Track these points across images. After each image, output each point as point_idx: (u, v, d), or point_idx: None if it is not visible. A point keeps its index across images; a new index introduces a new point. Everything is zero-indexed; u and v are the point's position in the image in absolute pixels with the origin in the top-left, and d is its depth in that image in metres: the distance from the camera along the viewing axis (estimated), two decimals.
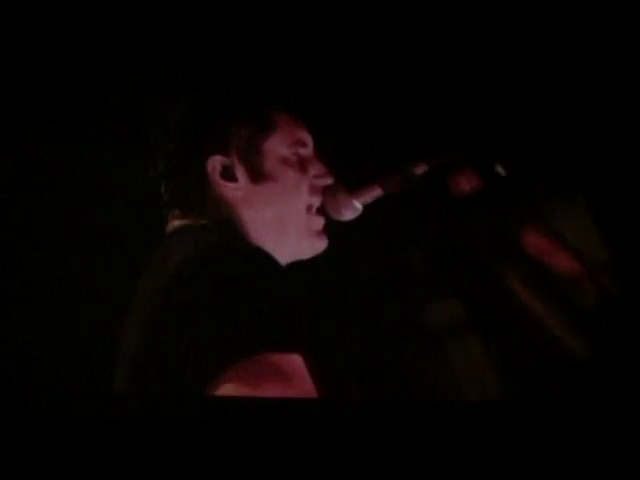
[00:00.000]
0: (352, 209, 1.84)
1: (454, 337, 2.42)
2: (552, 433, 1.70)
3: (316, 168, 1.76)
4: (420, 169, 1.91)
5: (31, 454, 1.30)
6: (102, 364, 1.72)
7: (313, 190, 1.76)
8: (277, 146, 1.74)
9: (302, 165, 1.75)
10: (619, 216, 2.34)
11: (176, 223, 1.71)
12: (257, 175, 1.71)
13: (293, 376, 1.43)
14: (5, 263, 2.17)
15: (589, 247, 2.35)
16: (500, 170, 2.09)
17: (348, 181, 1.82)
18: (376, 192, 1.86)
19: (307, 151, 1.77)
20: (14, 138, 2.21)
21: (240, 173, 1.71)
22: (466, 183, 2.12)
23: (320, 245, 1.79)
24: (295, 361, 1.45)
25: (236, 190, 1.70)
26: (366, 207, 1.86)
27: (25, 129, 2.23)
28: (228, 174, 1.70)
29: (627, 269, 2.31)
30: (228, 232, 1.67)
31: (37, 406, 1.34)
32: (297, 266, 1.77)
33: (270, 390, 1.39)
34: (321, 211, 1.80)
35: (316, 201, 1.77)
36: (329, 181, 1.78)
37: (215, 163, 1.70)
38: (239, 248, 1.59)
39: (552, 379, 2.31)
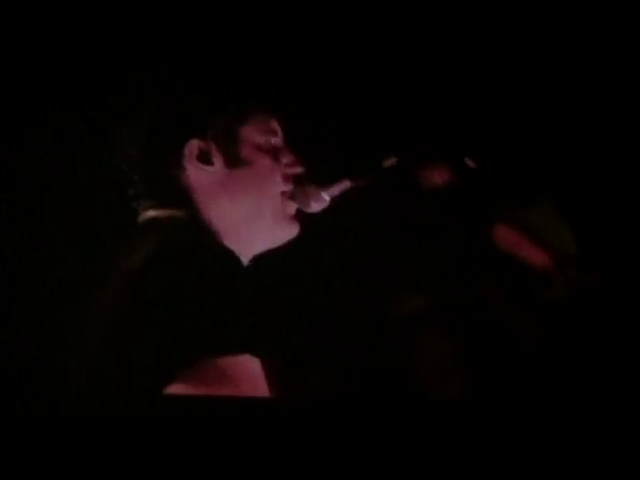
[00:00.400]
0: (320, 201, 1.83)
1: (420, 333, 2.42)
2: (517, 431, 1.70)
3: (287, 157, 1.78)
4: (389, 162, 1.89)
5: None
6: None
7: (285, 178, 1.77)
8: (252, 133, 1.76)
9: (275, 153, 1.77)
10: (587, 211, 2.34)
11: (147, 215, 1.70)
12: (233, 160, 1.73)
13: (246, 380, 1.42)
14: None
15: (559, 241, 2.35)
16: (469, 163, 2.08)
17: (317, 173, 1.82)
18: (344, 185, 1.85)
19: (278, 140, 1.79)
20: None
21: (217, 158, 1.72)
22: (436, 176, 2.12)
23: (293, 230, 1.80)
24: (249, 364, 1.44)
25: (212, 174, 1.71)
26: (334, 200, 1.84)
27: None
28: (205, 158, 1.71)
29: (595, 262, 2.32)
30: (196, 227, 1.67)
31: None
32: (260, 265, 1.77)
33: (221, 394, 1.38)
34: (291, 198, 1.80)
35: (288, 189, 1.77)
36: (300, 170, 1.79)
37: (193, 147, 1.71)
38: (203, 247, 1.59)
39: (517, 376, 2.32)
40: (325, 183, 1.83)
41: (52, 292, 2.16)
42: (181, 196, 1.70)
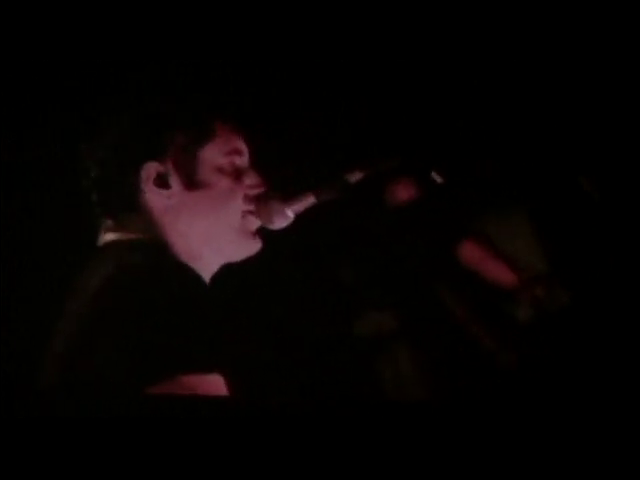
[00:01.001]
0: (283, 217, 1.78)
1: (385, 348, 2.39)
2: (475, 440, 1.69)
3: (250, 178, 1.74)
4: (355, 177, 1.85)
5: None
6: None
7: (247, 199, 1.72)
8: (213, 155, 1.70)
9: (237, 175, 1.73)
10: (557, 228, 2.33)
11: (107, 237, 1.67)
12: (191, 183, 1.68)
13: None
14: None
15: (526, 259, 2.33)
16: (436, 177, 2.05)
17: (281, 189, 1.78)
18: (309, 200, 1.80)
19: (243, 160, 1.75)
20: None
21: (174, 180, 1.67)
22: (402, 192, 2.09)
23: (254, 246, 1.75)
24: (214, 382, 1.42)
25: (168, 198, 1.66)
26: (298, 216, 1.80)
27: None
28: (162, 181, 1.66)
29: (563, 281, 2.31)
30: (154, 250, 1.63)
31: None
32: (222, 281, 1.73)
33: None
34: (252, 213, 1.76)
35: (248, 207, 1.73)
36: (262, 190, 1.74)
37: (150, 170, 1.66)
38: (163, 268, 1.56)
39: (478, 388, 2.30)
40: (289, 198, 1.78)
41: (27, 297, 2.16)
42: (139, 218, 1.65)
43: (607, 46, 2.30)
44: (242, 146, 1.74)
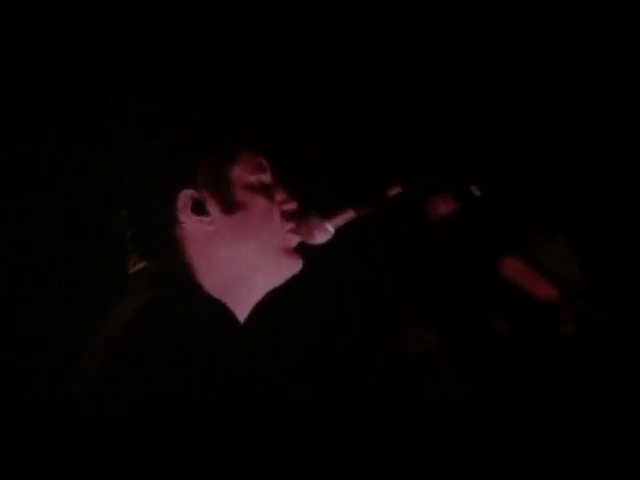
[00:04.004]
0: (324, 232, 1.78)
1: (426, 366, 2.37)
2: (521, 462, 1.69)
3: (280, 194, 1.72)
4: (394, 191, 1.85)
5: None
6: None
7: (284, 216, 1.71)
8: (242, 173, 1.69)
9: (268, 192, 1.71)
10: (598, 245, 2.31)
11: (137, 267, 1.65)
12: (228, 206, 1.66)
13: None
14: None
15: (568, 275, 2.31)
16: (475, 192, 2.04)
17: (319, 206, 1.77)
18: (348, 215, 1.80)
19: (268, 177, 1.73)
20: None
21: (211, 206, 1.66)
22: (442, 206, 2.08)
23: (296, 264, 1.74)
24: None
25: (209, 224, 1.64)
26: (338, 231, 1.79)
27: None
28: (200, 208, 1.65)
29: (603, 297, 2.29)
30: (188, 281, 1.61)
31: None
32: (260, 315, 1.71)
33: None
34: (291, 231, 1.75)
35: (289, 226, 1.72)
36: (294, 206, 1.73)
37: (186, 198, 1.64)
38: (195, 303, 1.53)
39: (525, 408, 2.28)
40: (328, 214, 1.78)
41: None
42: (174, 248, 1.63)
43: None
44: (264, 163, 1.73)
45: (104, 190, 1.78)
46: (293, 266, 1.71)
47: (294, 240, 1.72)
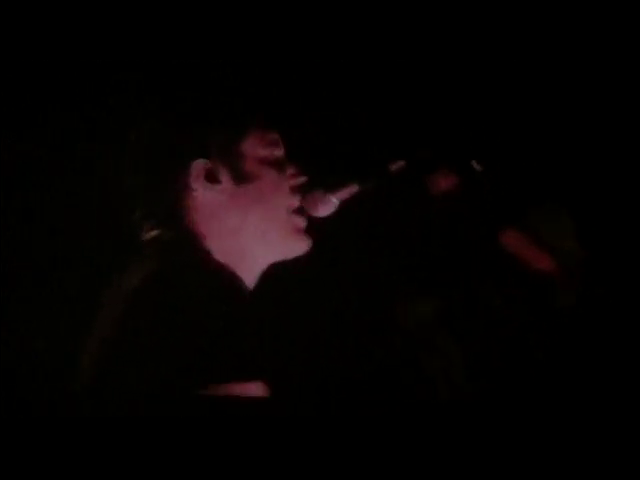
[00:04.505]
0: (328, 204, 1.81)
1: (427, 338, 2.40)
2: (518, 434, 1.69)
3: (290, 168, 1.75)
4: (397, 166, 1.88)
5: None
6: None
7: (292, 190, 1.74)
8: (255, 147, 1.72)
9: (279, 165, 1.74)
10: (598, 219, 2.33)
11: (150, 234, 1.67)
12: (239, 176, 1.69)
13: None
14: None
15: (567, 248, 2.33)
16: (476, 166, 2.06)
17: (324, 180, 1.80)
18: (352, 189, 1.83)
19: (280, 152, 1.76)
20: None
21: (223, 176, 1.69)
22: (443, 180, 2.10)
23: (304, 245, 1.76)
24: (257, 391, 1.42)
25: (220, 193, 1.68)
26: (341, 204, 1.82)
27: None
28: (212, 176, 1.68)
29: (603, 270, 2.31)
30: (199, 249, 1.63)
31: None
32: (270, 278, 1.75)
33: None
34: (300, 212, 1.78)
35: (295, 201, 1.75)
36: (304, 180, 1.77)
37: (199, 167, 1.68)
38: (205, 271, 1.55)
39: (519, 379, 2.31)
40: (333, 188, 1.81)
41: (57, 297, 2.16)
42: (186, 216, 1.67)
43: None
44: (278, 138, 1.76)
45: (104, 190, 1.81)
46: (300, 247, 1.74)
47: (302, 221, 1.75)
